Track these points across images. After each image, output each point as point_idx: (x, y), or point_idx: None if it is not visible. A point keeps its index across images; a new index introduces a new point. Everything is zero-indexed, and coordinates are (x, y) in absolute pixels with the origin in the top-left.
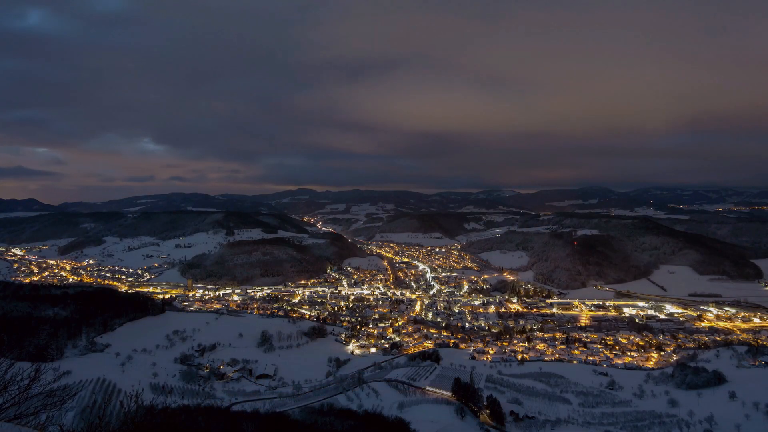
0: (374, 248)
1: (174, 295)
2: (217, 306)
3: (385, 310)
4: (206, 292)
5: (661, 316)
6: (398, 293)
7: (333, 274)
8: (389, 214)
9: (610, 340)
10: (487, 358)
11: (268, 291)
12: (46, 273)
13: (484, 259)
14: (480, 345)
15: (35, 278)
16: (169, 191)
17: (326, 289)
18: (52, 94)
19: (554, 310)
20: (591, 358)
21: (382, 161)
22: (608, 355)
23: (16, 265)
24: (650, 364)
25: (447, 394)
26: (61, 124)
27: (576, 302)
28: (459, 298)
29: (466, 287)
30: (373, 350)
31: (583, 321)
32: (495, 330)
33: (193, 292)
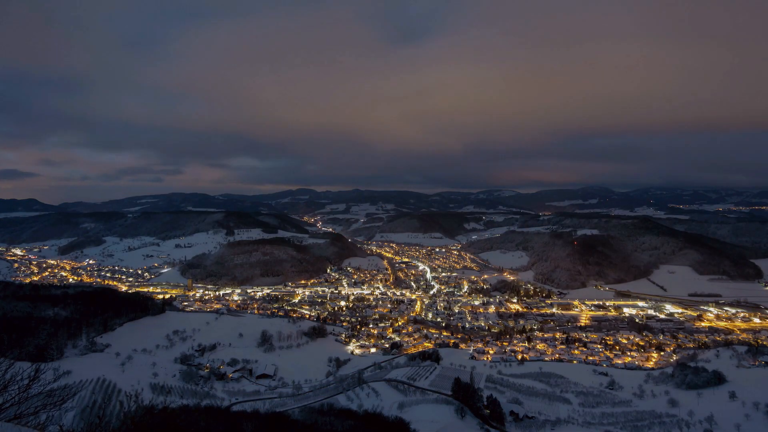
0: (374, 248)
1: (174, 295)
2: (217, 306)
3: (385, 310)
4: (206, 292)
5: (661, 316)
6: (398, 293)
7: (333, 274)
8: (389, 214)
9: (610, 340)
10: (487, 358)
11: (268, 291)
12: (46, 273)
13: (484, 259)
14: (480, 345)
15: (35, 278)
16: (167, 191)
17: (326, 289)
18: None
19: (554, 310)
20: (591, 358)
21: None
22: (608, 355)
23: (16, 265)
24: (650, 364)
25: (447, 394)
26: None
27: (576, 302)
28: (459, 298)
29: (466, 287)
30: (373, 350)
31: (583, 321)
32: (495, 330)
33: (193, 292)
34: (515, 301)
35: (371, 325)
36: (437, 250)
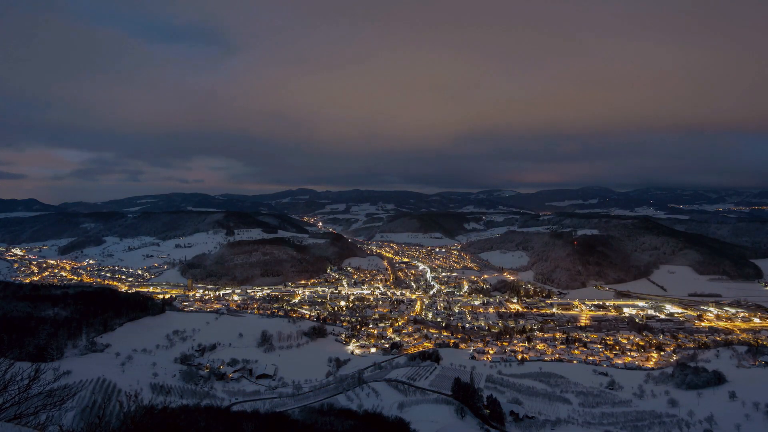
0: (374, 248)
1: (174, 295)
2: (217, 306)
3: (385, 310)
4: (206, 292)
5: (661, 316)
6: (398, 293)
7: (333, 274)
8: (389, 214)
9: (610, 340)
10: (487, 358)
11: (268, 291)
12: (46, 273)
13: (484, 259)
14: (480, 345)
15: (35, 278)
16: (167, 191)
17: (326, 289)
18: None
19: (554, 310)
20: (591, 358)
21: None
22: (608, 355)
23: (16, 265)
24: (650, 364)
25: (447, 394)
26: None
27: (576, 302)
28: (459, 298)
29: (466, 287)
30: (373, 350)
31: (583, 321)
32: (495, 330)
33: (193, 292)
34: (515, 301)
35: (371, 325)
36: (437, 250)
